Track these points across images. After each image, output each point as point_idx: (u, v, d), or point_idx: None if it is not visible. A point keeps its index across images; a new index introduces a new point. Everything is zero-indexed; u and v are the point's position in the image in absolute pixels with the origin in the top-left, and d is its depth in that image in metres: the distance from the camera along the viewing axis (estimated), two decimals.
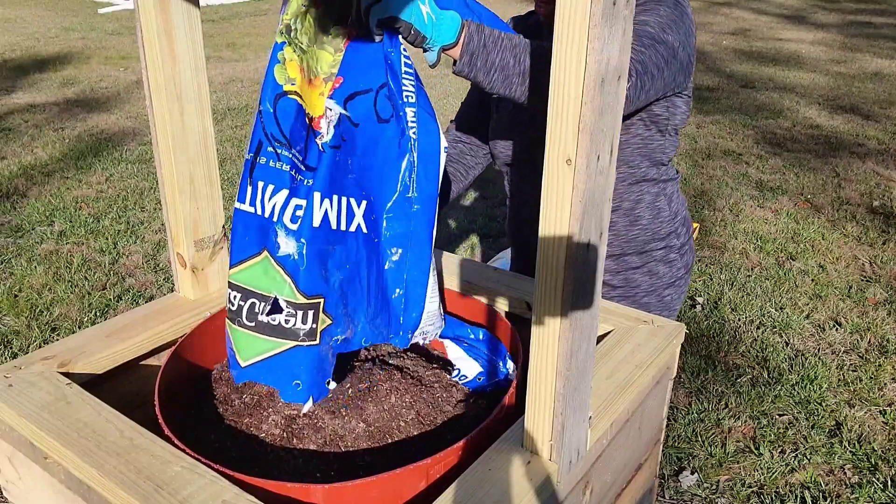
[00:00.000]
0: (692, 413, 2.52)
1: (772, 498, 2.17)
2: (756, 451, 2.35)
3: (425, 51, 1.06)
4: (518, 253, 1.70)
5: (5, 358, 2.78)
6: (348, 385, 1.11)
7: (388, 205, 1.07)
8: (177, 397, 1.09)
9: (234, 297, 1.07)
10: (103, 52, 8.32)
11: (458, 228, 3.96)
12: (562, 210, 0.79)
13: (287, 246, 1.02)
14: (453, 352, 1.23)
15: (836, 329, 3.03)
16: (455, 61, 1.08)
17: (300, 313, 1.03)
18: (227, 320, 1.09)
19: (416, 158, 1.06)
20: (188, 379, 1.15)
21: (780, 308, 3.19)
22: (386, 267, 1.10)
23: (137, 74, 7.18)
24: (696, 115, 5.93)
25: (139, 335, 1.19)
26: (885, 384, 2.68)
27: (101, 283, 3.36)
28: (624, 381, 1.08)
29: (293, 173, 1.02)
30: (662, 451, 1.43)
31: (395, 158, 1.05)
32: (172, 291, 1.32)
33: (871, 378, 2.71)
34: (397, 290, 1.12)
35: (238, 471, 0.88)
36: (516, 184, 1.57)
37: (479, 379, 1.20)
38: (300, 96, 1.02)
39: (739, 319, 3.09)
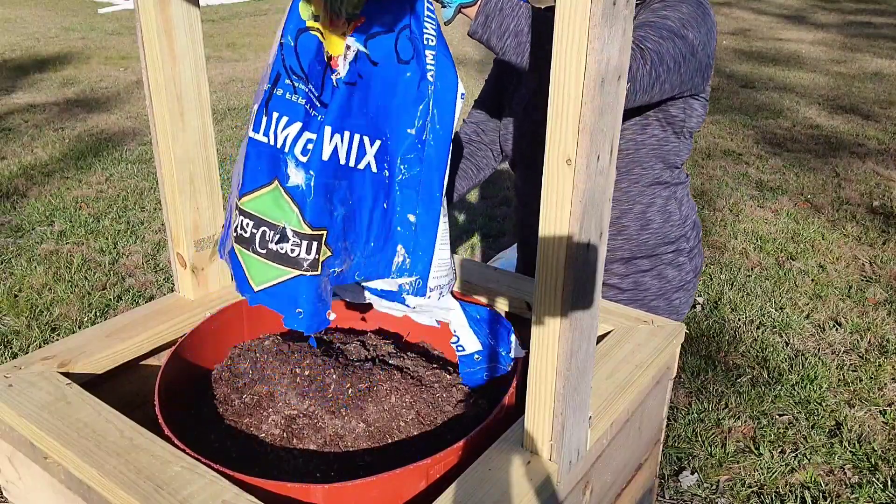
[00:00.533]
0: (692, 413, 2.52)
1: (772, 498, 2.17)
2: (756, 451, 2.35)
3: (443, 6, 1.06)
4: (522, 252, 1.71)
5: (5, 358, 2.78)
6: (348, 385, 1.11)
7: (403, 147, 1.07)
8: (177, 397, 1.10)
9: (247, 224, 1.08)
10: (103, 52, 8.32)
11: (459, 228, 3.96)
12: (562, 210, 0.79)
13: (296, 177, 1.03)
14: (457, 319, 1.22)
15: (836, 329, 3.03)
16: (471, 22, 1.09)
17: (305, 243, 1.04)
18: (236, 245, 1.10)
19: (433, 102, 1.06)
20: (188, 379, 1.15)
21: (780, 308, 3.19)
22: (396, 208, 1.10)
23: (137, 74, 7.18)
24: None
25: (139, 335, 1.19)
26: (885, 384, 2.68)
27: (101, 283, 3.36)
28: (624, 381, 1.08)
29: (308, 108, 1.04)
30: (662, 451, 1.43)
31: (413, 101, 1.06)
32: (172, 291, 1.32)
33: (871, 378, 2.71)
34: (404, 230, 1.12)
35: (238, 471, 0.88)
36: (522, 182, 1.58)
37: (477, 357, 1.19)
38: (321, 33, 1.03)
39: (739, 319, 3.10)
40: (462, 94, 1.09)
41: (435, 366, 1.22)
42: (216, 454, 1.02)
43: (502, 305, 1.31)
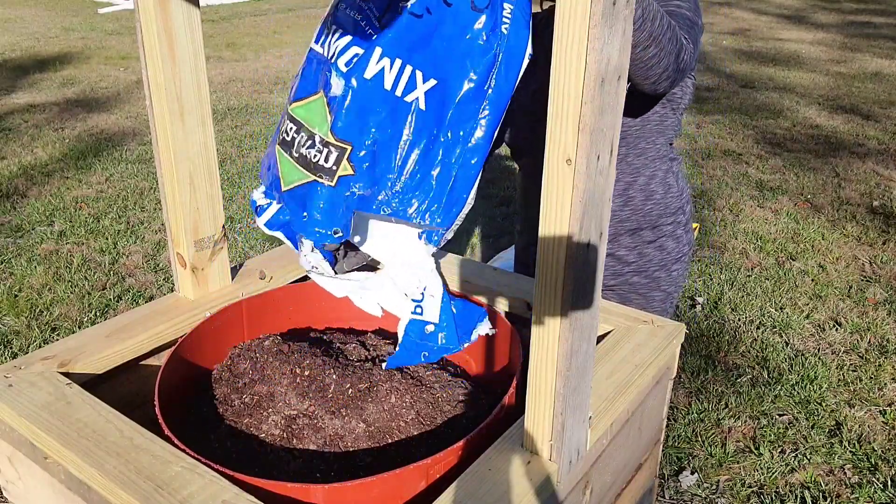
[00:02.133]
0: (692, 413, 2.52)
1: (772, 498, 2.17)
2: (756, 451, 2.35)
3: None
4: (529, 254, 1.72)
5: (5, 358, 2.78)
6: (348, 385, 1.11)
7: (459, 95, 1.06)
8: (177, 397, 1.10)
9: (290, 128, 1.11)
10: (103, 52, 8.32)
11: (459, 228, 3.96)
12: (562, 210, 0.79)
13: (336, 87, 1.04)
14: (434, 286, 1.20)
15: (836, 329, 3.03)
16: None
17: (325, 151, 1.06)
18: (278, 147, 1.12)
19: (501, 56, 1.05)
20: (188, 379, 1.15)
21: (780, 308, 3.19)
22: (438, 154, 1.09)
23: (137, 74, 7.18)
24: (696, 114, 5.93)
25: (139, 335, 1.19)
26: (885, 384, 2.68)
27: (101, 283, 3.36)
28: (624, 381, 1.08)
29: (362, 23, 1.04)
30: (662, 451, 1.43)
31: (481, 50, 1.04)
32: (172, 291, 1.32)
33: (871, 378, 2.71)
34: (442, 179, 1.10)
35: (238, 471, 0.88)
36: (522, 173, 1.63)
37: (428, 329, 1.18)
38: None
39: (739, 319, 3.09)
40: (530, 55, 1.07)
41: (435, 366, 1.22)
42: (216, 454, 1.02)
43: (502, 305, 1.31)
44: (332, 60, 1.05)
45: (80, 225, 3.93)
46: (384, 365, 1.18)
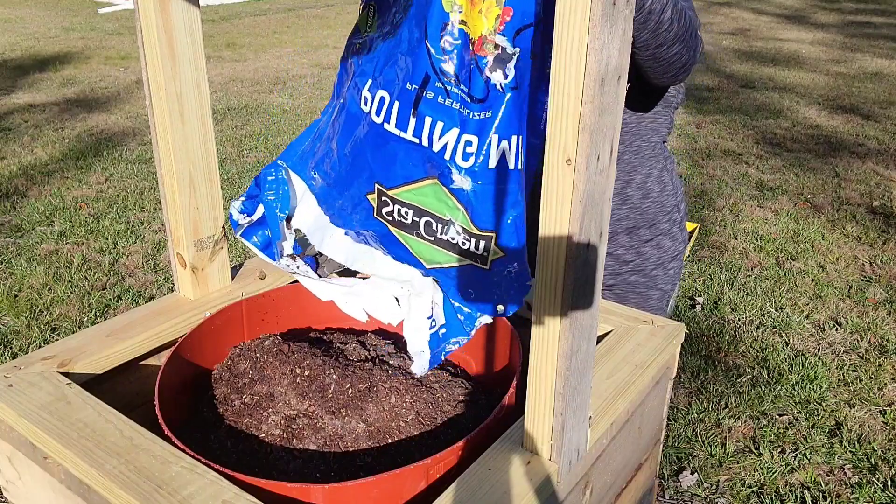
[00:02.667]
0: (692, 413, 2.52)
1: (772, 498, 2.17)
2: (756, 451, 2.35)
3: None
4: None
5: (5, 358, 2.78)
6: (348, 385, 1.11)
7: (537, 139, 1.06)
8: (177, 397, 1.10)
9: (406, 212, 1.11)
10: (103, 52, 8.32)
11: None
12: (562, 210, 0.79)
13: (461, 182, 1.04)
14: (437, 295, 1.21)
15: (836, 329, 3.03)
16: None
17: (474, 240, 1.07)
18: (397, 230, 1.13)
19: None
20: (188, 379, 1.15)
21: (780, 308, 3.19)
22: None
23: (137, 74, 7.18)
24: (696, 114, 5.93)
25: (139, 335, 1.19)
26: (885, 384, 2.68)
27: (101, 283, 3.36)
28: (624, 381, 1.08)
29: (461, 109, 1.03)
30: (662, 451, 1.43)
31: (544, 93, 1.03)
32: (172, 291, 1.32)
33: (871, 378, 2.71)
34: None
35: (238, 471, 0.88)
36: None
37: (441, 333, 1.19)
38: (465, 23, 1.00)
39: (739, 319, 3.09)
40: None
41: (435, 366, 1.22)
42: (216, 454, 1.02)
43: None
44: (447, 158, 1.04)
45: (80, 225, 3.93)
46: (416, 373, 1.18)
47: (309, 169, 1.26)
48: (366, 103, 1.13)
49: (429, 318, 1.19)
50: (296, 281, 1.42)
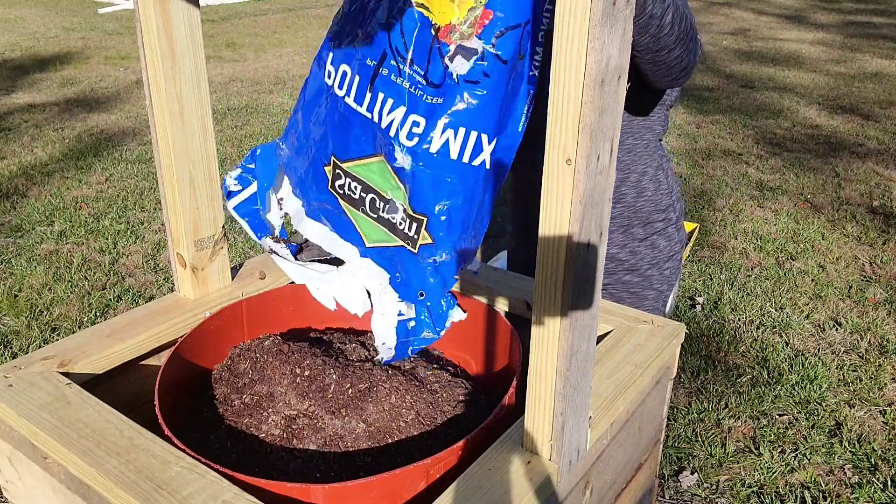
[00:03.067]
0: (692, 413, 2.52)
1: (772, 498, 2.17)
2: (756, 451, 2.35)
3: None
4: (524, 250, 1.72)
5: (5, 358, 2.78)
6: (348, 385, 1.11)
7: (508, 141, 1.06)
8: (177, 397, 1.10)
9: (355, 186, 1.13)
10: (103, 52, 8.32)
11: None
12: (562, 210, 0.79)
13: (403, 160, 1.05)
14: (391, 295, 1.21)
15: (836, 329, 3.03)
16: None
17: (408, 221, 1.09)
18: (346, 204, 1.15)
19: (531, 96, 1.05)
20: (188, 379, 1.15)
21: (780, 308, 3.19)
22: (489, 202, 1.10)
23: (137, 74, 7.18)
24: (696, 114, 5.93)
25: (139, 335, 1.19)
26: (885, 384, 2.68)
27: (101, 283, 3.36)
28: (624, 381, 1.08)
29: (412, 89, 1.03)
30: (662, 451, 1.43)
31: (524, 95, 1.04)
32: (172, 291, 1.32)
33: (871, 378, 2.71)
34: (483, 223, 1.13)
35: (238, 471, 0.88)
36: (515, 174, 1.63)
37: (409, 325, 1.18)
38: (425, 7, 1.01)
39: (739, 319, 3.09)
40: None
41: (435, 366, 1.22)
42: (216, 454, 1.02)
43: (502, 305, 1.31)
44: (392, 134, 1.05)
45: (80, 225, 3.93)
46: (381, 360, 1.19)
47: (280, 141, 1.27)
48: (329, 77, 1.15)
49: (399, 313, 1.19)
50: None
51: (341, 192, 1.14)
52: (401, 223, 1.10)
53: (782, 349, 2.89)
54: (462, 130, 1.02)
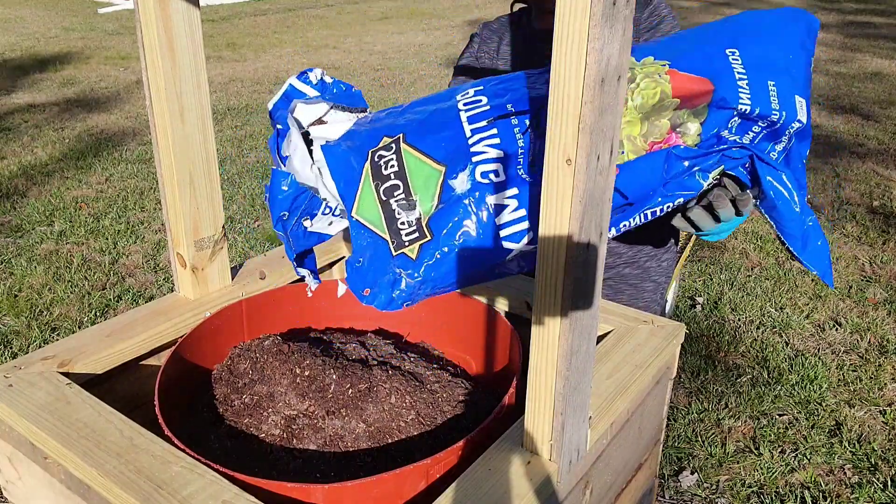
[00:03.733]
0: (692, 413, 2.52)
1: (772, 498, 2.17)
2: (756, 451, 2.35)
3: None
4: None
5: (5, 358, 2.78)
6: (348, 385, 1.11)
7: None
8: (177, 397, 1.10)
9: (392, 165, 1.07)
10: (103, 52, 8.32)
11: None
12: (562, 210, 0.79)
13: (460, 185, 1.03)
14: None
15: (836, 329, 3.03)
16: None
17: (413, 227, 1.05)
18: (368, 170, 1.09)
19: None
20: (188, 379, 1.15)
21: (780, 308, 3.19)
22: (486, 272, 1.10)
23: (137, 74, 7.19)
24: None
25: (139, 335, 1.19)
26: (885, 384, 2.68)
27: (101, 283, 3.36)
28: (624, 381, 1.08)
29: (516, 162, 1.04)
30: (662, 451, 1.43)
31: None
32: (172, 291, 1.32)
33: (871, 378, 2.71)
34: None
35: (238, 471, 0.88)
36: None
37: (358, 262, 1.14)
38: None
39: (739, 319, 3.10)
40: None
41: (435, 366, 1.22)
42: (216, 454, 1.02)
43: (502, 305, 1.31)
44: (473, 160, 1.04)
45: (80, 225, 3.93)
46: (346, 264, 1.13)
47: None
48: (462, 94, 1.12)
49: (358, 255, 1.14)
50: (296, 281, 1.42)
51: (377, 160, 1.10)
52: (404, 223, 1.06)
53: (782, 349, 2.89)
54: (514, 203, 1.02)
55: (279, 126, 1.16)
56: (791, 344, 2.93)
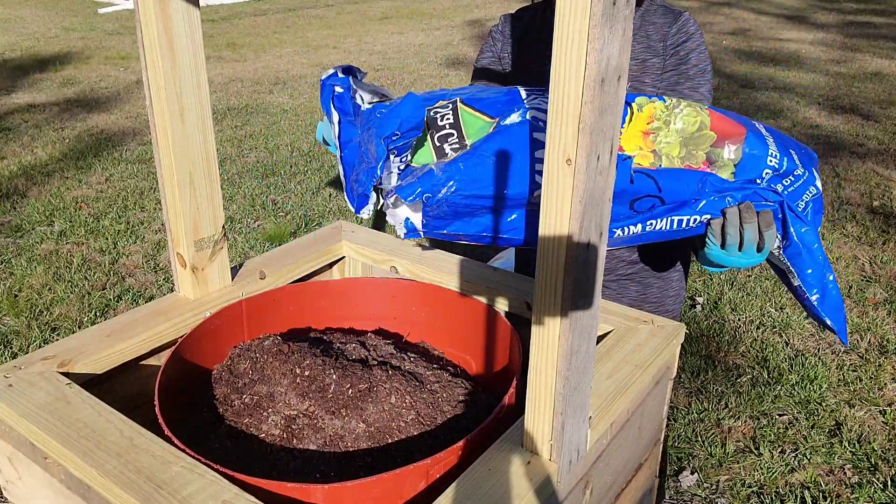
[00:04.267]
0: (692, 413, 2.52)
1: (772, 498, 2.17)
2: (756, 451, 2.35)
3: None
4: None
5: (5, 358, 2.78)
6: (348, 385, 1.11)
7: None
8: (177, 397, 1.10)
9: (447, 118, 1.14)
10: (103, 52, 8.32)
11: None
12: (562, 210, 0.79)
13: (512, 119, 1.10)
14: None
15: None
16: None
17: (457, 144, 1.12)
18: (427, 123, 1.15)
19: None
20: (188, 379, 1.15)
21: (780, 308, 3.19)
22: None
23: (137, 74, 7.19)
24: None
25: (139, 335, 1.19)
26: (885, 384, 2.68)
27: (101, 283, 3.36)
28: (624, 381, 1.08)
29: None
30: (662, 451, 1.43)
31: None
32: (172, 291, 1.32)
33: (871, 378, 2.71)
34: None
35: (238, 471, 0.88)
36: None
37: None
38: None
39: (739, 319, 3.10)
40: None
41: (435, 366, 1.22)
42: (216, 454, 1.02)
43: (502, 305, 1.31)
44: (526, 105, 1.10)
45: (80, 225, 3.93)
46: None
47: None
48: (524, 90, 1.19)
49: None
50: (295, 281, 1.42)
51: (434, 115, 1.15)
52: (451, 146, 1.12)
53: (782, 349, 2.89)
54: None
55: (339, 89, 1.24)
56: (791, 344, 2.93)
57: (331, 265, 1.54)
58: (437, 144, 1.12)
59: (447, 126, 1.13)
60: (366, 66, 7.72)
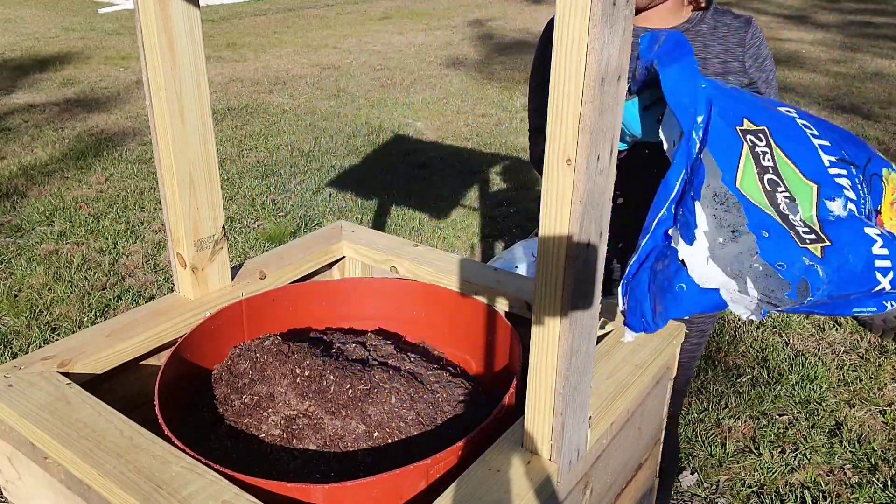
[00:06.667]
0: (692, 413, 2.52)
1: (772, 498, 2.17)
2: (756, 451, 2.35)
3: None
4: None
5: (5, 358, 2.78)
6: (348, 385, 1.11)
7: None
8: (177, 397, 1.10)
9: (767, 157, 1.09)
10: (103, 52, 8.32)
11: (458, 228, 3.96)
12: (562, 210, 0.79)
13: (835, 208, 1.08)
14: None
15: (836, 329, 3.03)
16: None
17: (807, 229, 1.06)
18: (747, 148, 1.09)
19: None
20: (188, 379, 1.15)
21: None
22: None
23: (137, 74, 7.19)
24: None
25: (139, 335, 1.19)
26: (885, 384, 2.68)
27: (101, 283, 3.36)
28: (624, 381, 1.08)
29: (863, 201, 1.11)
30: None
31: None
32: (172, 291, 1.32)
33: (871, 378, 2.71)
34: None
35: (238, 471, 0.88)
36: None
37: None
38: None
39: (739, 319, 3.09)
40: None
41: (435, 366, 1.22)
42: (216, 454, 1.02)
43: (502, 305, 1.31)
44: (844, 195, 1.08)
45: (80, 225, 3.93)
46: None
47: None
48: (789, 112, 1.17)
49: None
50: (295, 281, 1.42)
51: (751, 144, 1.09)
52: (796, 221, 1.07)
53: (782, 349, 2.89)
54: (887, 252, 1.05)
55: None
56: (791, 344, 2.93)
57: (331, 265, 1.54)
58: (768, 189, 1.07)
59: (769, 169, 1.08)
60: (366, 66, 7.72)
